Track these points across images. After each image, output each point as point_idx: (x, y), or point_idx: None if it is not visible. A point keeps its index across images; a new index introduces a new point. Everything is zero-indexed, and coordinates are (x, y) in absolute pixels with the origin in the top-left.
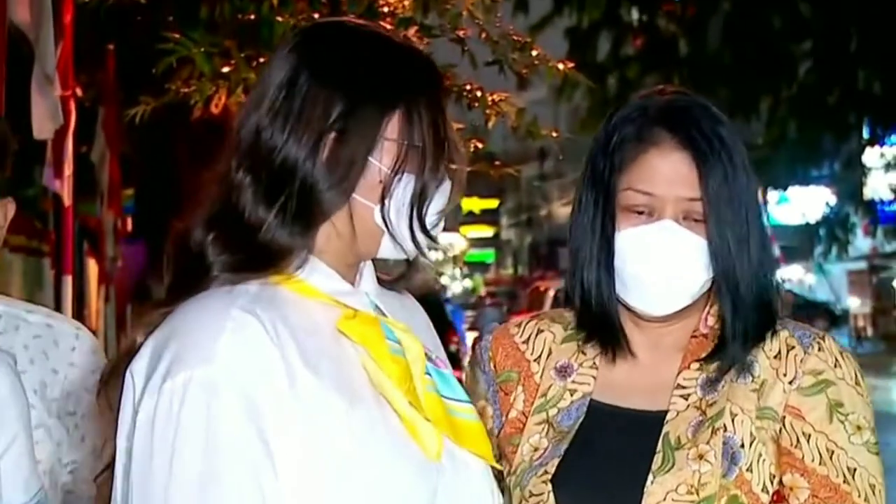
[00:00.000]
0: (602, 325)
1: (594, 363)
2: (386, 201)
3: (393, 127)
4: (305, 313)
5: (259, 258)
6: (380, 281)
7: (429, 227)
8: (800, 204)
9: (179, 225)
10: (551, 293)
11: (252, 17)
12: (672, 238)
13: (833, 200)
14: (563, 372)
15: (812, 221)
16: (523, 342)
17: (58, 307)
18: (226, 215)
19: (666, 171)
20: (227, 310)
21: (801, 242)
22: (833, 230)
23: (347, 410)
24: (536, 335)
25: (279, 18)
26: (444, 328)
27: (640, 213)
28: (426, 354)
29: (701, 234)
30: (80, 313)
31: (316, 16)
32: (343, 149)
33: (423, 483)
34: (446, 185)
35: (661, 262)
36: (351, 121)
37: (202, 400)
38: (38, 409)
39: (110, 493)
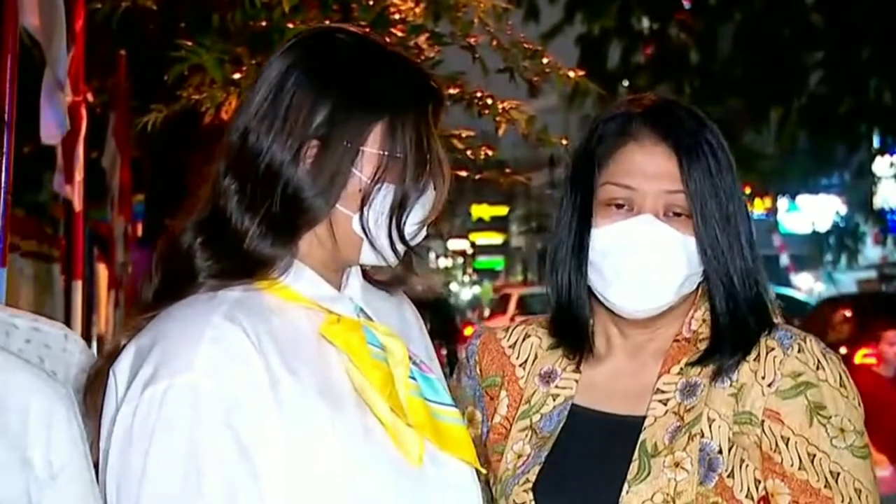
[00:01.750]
0: (571, 328)
1: (577, 368)
2: (365, 210)
3: (375, 137)
4: (289, 319)
5: (244, 265)
6: (374, 282)
7: (408, 237)
8: (810, 213)
9: (173, 227)
10: (515, 296)
11: (263, 24)
12: (651, 232)
13: (843, 209)
14: (547, 378)
15: (822, 230)
16: (510, 346)
17: (68, 312)
18: (213, 220)
19: (645, 165)
20: (208, 317)
21: (811, 251)
22: (843, 239)
23: (330, 416)
24: (523, 340)
25: (290, 25)
26: (454, 333)
27: (620, 206)
28: (411, 359)
29: (682, 229)
30: (89, 318)
31: (327, 22)
32: (325, 157)
33: (404, 487)
34: (427, 197)
35: (640, 256)
36: (333, 129)
37: (181, 408)
38: None
39: None
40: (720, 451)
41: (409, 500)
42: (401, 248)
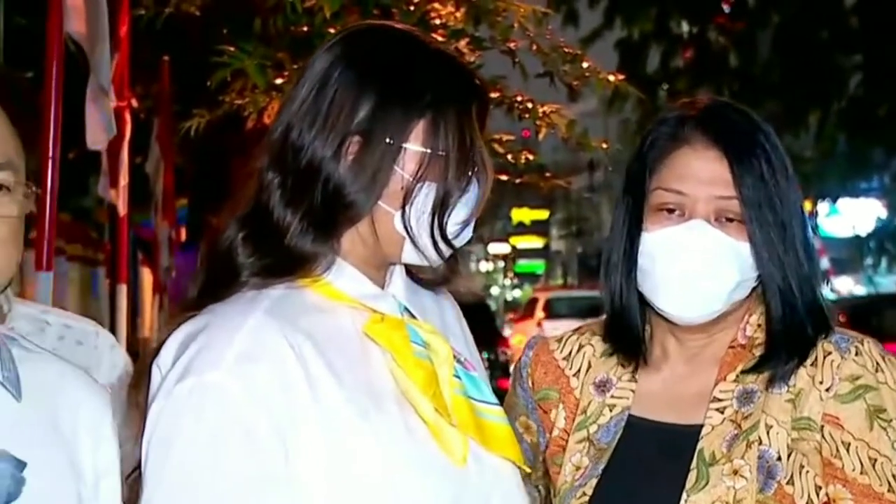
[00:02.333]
0: (625, 334)
1: (632, 376)
2: (406, 208)
3: (417, 134)
4: (331, 317)
5: (285, 262)
6: (419, 280)
7: (450, 236)
8: (850, 216)
9: (217, 225)
10: (542, 300)
11: (305, 29)
12: (702, 238)
13: (883, 213)
14: (602, 387)
15: (862, 234)
16: (563, 358)
17: (112, 316)
18: (255, 215)
19: (697, 170)
20: (245, 317)
21: (851, 254)
22: (883, 242)
23: (371, 416)
24: (577, 350)
25: (331, 30)
26: (495, 336)
27: (671, 212)
28: (455, 357)
29: (735, 235)
30: (134, 322)
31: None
32: (366, 153)
33: (446, 487)
34: (470, 196)
35: (690, 262)
36: (375, 125)
37: (206, 405)
38: None
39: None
40: (779, 458)
41: (451, 501)
42: (444, 247)
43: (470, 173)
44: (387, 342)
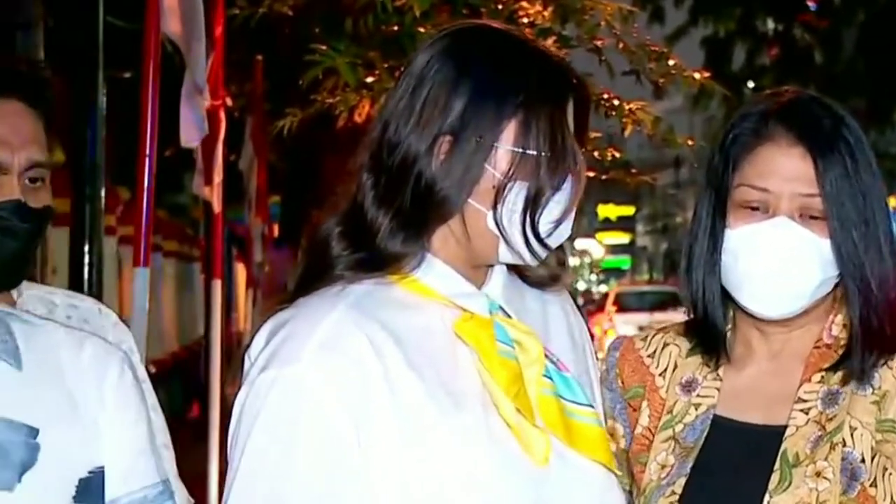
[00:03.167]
0: (708, 330)
1: (718, 375)
2: (498, 207)
3: (509, 133)
4: (417, 314)
5: (376, 259)
6: (528, 280)
7: (543, 235)
8: None
9: (318, 219)
10: (612, 295)
11: (395, 28)
12: (786, 235)
13: None
14: (688, 387)
15: None
16: (648, 356)
17: (207, 310)
18: (351, 213)
19: (781, 167)
20: (328, 312)
21: None
22: None
23: (451, 414)
24: (662, 349)
25: (421, 30)
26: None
27: (755, 209)
28: (548, 357)
29: (819, 232)
30: (228, 316)
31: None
32: (457, 151)
33: (525, 487)
34: (562, 196)
35: (774, 259)
36: (467, 123)
37: (285, 397)
38: None
39: None
40: (862, 461)
41: (531, 500)
42: (537, 246)
43: (562, 172)
44: (473, 340)
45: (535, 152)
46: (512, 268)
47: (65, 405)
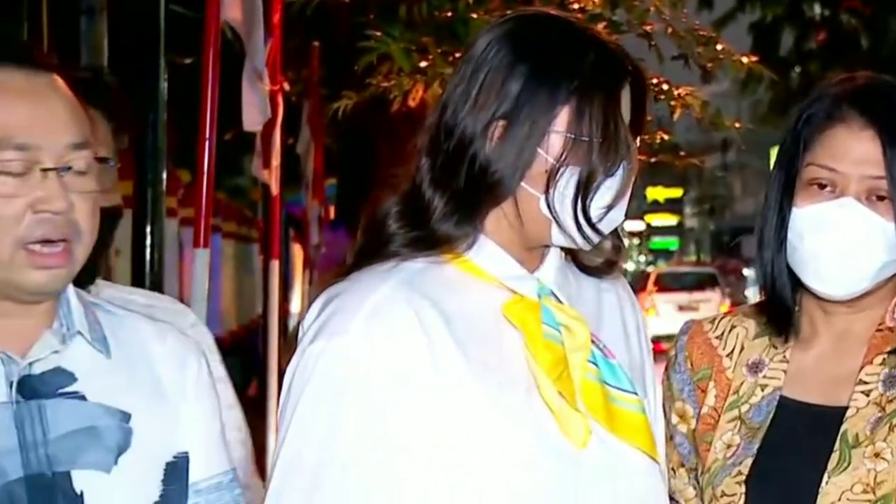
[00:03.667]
0: (777, 308)
1: (784, 356)
2: (550, 191)
3: (562, 118)
4: (467, 294)
5: (431, 238)
6: (583, 266)
7: (594, 220)
8: None
9: (378, 198)
10: (653, 275)
11: (448, 14)
12: (852, 216)
13: None
14: (755, 368)
15: None
16: (716, 338)
17: (265, 290)
18: (410, 194)
19: (851, 148)
20: (378, 286)
21: None
22: None
23: (494, 393)
24: (730, 331)
25: (474, 15)
26: None
27: (823, 188)
28: (594, 342)
29: (885, 214)
30: (285, 295)
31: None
32: (511, 135)
33: (563, 469)
34: (614, 181)
35: (839, 239)
36: (520, 107)
37: (332, 368)
38: None
39: None
40: None
41: (568, 482)
42: (589, 231)
43: (614, 159)
44: (520, 322)
45: (587, 138)
46: (569, 255)
47: (152, 392)
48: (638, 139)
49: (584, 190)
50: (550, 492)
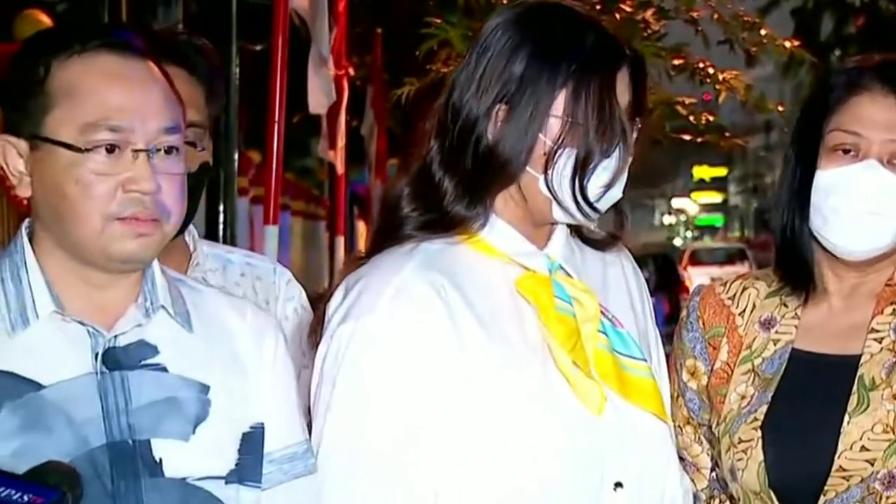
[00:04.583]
0: (795, 264)
1: (795, 314)
2: (549, 172)
3: (560, 103)
4: (483, 272)
5: (445, 220)
6: (588, 241)
7: (593, 199)
8: None
9: (391, 182)
10: (688, 251)
11: (504, 1)
12: (875, 176)
13: None
14: (767, 324)
15: None
16: (729, 298)
17: (331, 264)
18: (421, 175)
19: (875, 114)
20: (400, 267)
21: None
22: None
23: (514, 366)
24: (742, 292)
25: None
26: (676, 285)
27: (847, 152)
28: (603, 313)
29: None
30: None
31: None
32: (512, 119)
33: (582, 435)
34: (610, 162)
35: (861, 198)
36: (521, 91)
37: (363, 347)
38: None
39: None
40: None
41: (585, 448)
42: (587, 208)
43: (609, 140)
44: (533, 296)
45: (583, 121)
46: (574, 230)
47: (231, 365)
48: (636, 133)
49: (582, 171)
50: (570, 458)
